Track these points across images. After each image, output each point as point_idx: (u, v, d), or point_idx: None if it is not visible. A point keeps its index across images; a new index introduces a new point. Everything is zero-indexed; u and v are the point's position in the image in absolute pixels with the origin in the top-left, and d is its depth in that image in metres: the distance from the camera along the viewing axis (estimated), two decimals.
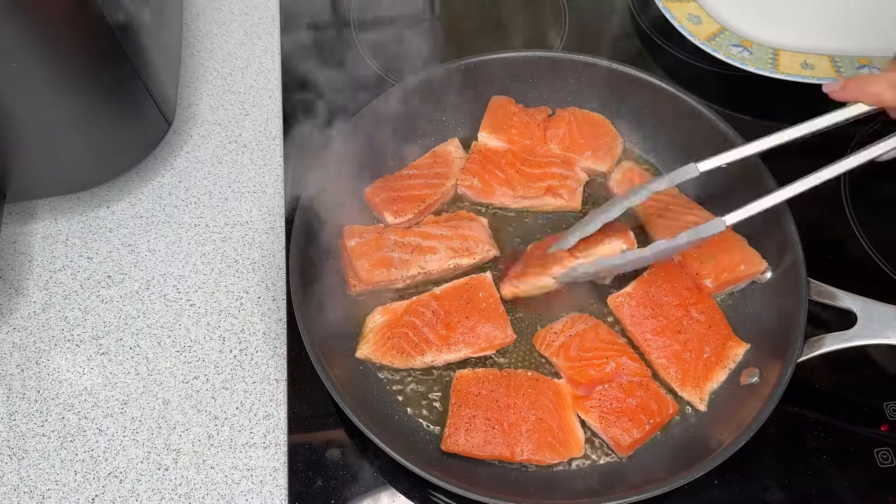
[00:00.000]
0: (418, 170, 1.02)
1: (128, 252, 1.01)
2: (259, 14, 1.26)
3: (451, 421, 0.85)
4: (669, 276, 0.94)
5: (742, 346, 0.90)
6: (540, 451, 0.83)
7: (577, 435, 0.86)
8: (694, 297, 0.93)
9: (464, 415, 0.85)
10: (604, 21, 1.29)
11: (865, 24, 1.21)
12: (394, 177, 1.01)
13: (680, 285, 0.93)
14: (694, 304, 0.92)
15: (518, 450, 0.83)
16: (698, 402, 0.88)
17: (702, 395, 0.88)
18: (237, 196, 1.06)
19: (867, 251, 1.02)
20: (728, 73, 1.16)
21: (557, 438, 0.84)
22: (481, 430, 0.84)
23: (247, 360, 0.93)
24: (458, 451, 0.83)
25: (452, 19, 1.30)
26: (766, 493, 0.84)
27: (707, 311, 0.92)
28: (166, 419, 0.89)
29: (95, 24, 0.81)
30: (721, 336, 0.91)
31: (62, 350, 0.93)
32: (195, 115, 1.13)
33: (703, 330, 0.91)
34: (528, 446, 0.83)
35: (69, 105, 0.85)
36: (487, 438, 0.84)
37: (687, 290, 0.93)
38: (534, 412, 0.85)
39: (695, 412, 0.88)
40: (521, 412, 0.85)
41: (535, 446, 0.84)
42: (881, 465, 0.86)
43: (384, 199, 0.98)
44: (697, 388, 0.88)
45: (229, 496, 0.84)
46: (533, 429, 0.84)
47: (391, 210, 0.98)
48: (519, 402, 0.86)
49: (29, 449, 0.87)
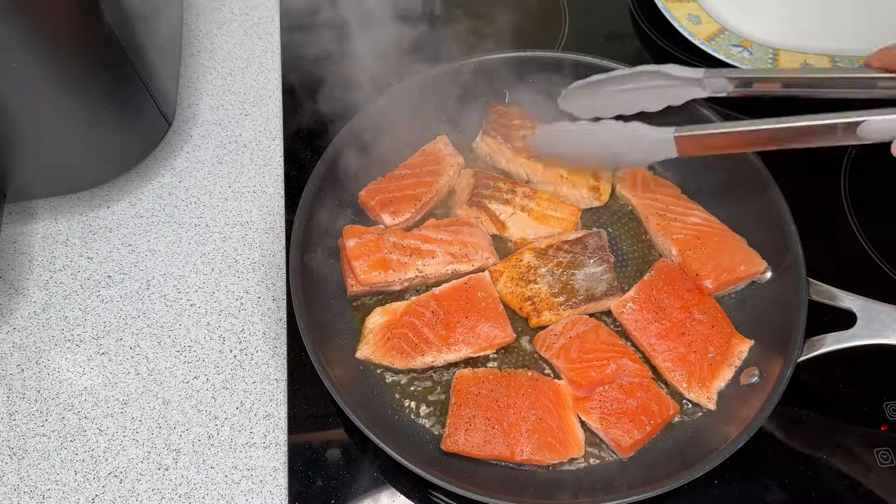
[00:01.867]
0: (410, 169, 1.02)
1: (128, 252, 1.01)
2: (259, 14, 1.26)
3: (450, 421, 0.85)
4: (670, 279, 0.94)
5: (745, 342, 0.91)
6: (540, 451, 0.83)
7: (577, 435, 0.86)
8: (695, 299, 0.93)
9: (464, 415, 0.85)
10: (604, 21, 1.29)
11: (865, 23, 1.21)
12: (386, 178, 1.01)
13: (681, 287, 0.93)
14: (696, 306, 0.92)
15: (518, 450, 0.83)
16: (706, 401, 0.88)
17: (709, 395, 0.88)
18: (237, 196, 1.06)
19: (867, 251, 1.02)
20: None
21: (557, 438, 0.84)
22: (481, 429, 0.84)
23: (247, 360, 0.93)
24: (458, 450, 0.83)
25: (452, 19, 1.30)
26: (766, 493, 0.84)
27: (709, 311, 0.92)
28: (166, 419, 0.89)
29: (95, 24, 0.81)
30: (724, 335, 0.91)
31: (62, 350, 0.93)
32: (195, 115, 1.13)
33: (707, 330, 0.91)
34: (527, 446, 0.83)
35: (69, 105, 0.85)
36: (487, 438, 0.84)
37: (688, 292, 0.93)
38: (534, 412, 0.85)
39: (695, 412, 0.88)
40: (520, 412, 0.85)
41: (535, 446, 0.83)
42: (881, 465, 0.86)
43: (380, 200, 0.98)
44: (705, 388, 0.88)
45: (229, 496, 0.84)
46: (533, 429, 0.84)
47: (388, 211, 0.98)
48: (519, 402, 0.86)
49: (29, 449, 0.87)
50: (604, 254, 0.95)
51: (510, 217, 0.99)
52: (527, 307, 0.93)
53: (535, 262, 0.95)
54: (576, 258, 0.95)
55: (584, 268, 0.95)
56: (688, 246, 0.95)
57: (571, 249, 0.96)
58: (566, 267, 0.95)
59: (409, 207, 0.98)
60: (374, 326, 0.91)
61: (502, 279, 0.94)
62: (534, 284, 0.94)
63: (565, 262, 0.95)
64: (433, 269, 0.94)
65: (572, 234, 0.97)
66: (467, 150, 1.06)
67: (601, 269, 0.95)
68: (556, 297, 0.93)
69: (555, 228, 0.98)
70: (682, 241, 0.96)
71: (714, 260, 0.94)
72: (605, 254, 0.96)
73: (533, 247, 0.97)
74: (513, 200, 0.99)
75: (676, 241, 0.96)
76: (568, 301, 0.93)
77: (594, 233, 0.97)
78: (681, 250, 0.95)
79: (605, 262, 0.95)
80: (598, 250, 0.96)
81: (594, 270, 0.94)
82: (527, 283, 0.94)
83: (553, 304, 0.93)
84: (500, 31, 1.26)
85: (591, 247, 0.96)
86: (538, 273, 0.94)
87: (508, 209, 0.99)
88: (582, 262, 0.95)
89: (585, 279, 0.94)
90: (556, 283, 0.94)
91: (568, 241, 0.96)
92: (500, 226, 0.99)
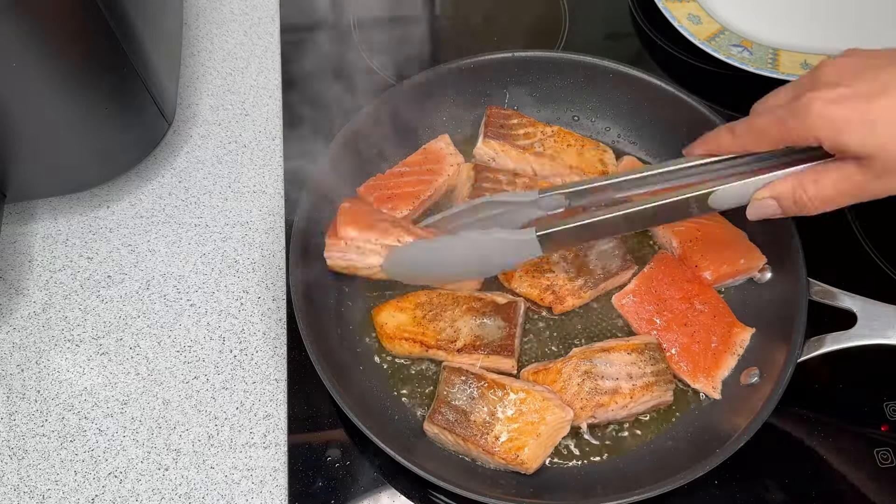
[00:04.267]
0: (410, 167, 1.02)
1: (128, 252, 1.01)
2: (259, 14, 1.26)
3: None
4: (669, 270, 0.94)
5: (747, 331, 0.91)
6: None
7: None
8: (696, 290, 0.93)
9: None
10: (604, 21, 1.29)
11: (865, 23, 1.21)
12: (386, 175, 1.01)
13: (681, 278, 0.94)
14: (696, 296, 0.92)
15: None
16: (711, 390, 0.88)
17: (714, 384, 0.88)
18: (237, 196, 1.06)
19: (867, 251, 1.02)
20: (728, 73, 1.16)
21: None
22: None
23: (247, 360, 0.93)
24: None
25: (452, 19, 1.30)
26: (766, 493, 0.84)
27: (710, 301, 0.93)
28: (166, 419, 0.89)
29: (95, 24, 0.81)
30: (726, 324, 0.91)
31: (62, 350, 0.93)
32: (195, 115, 1.14)
33: (708, 320, 0.91)
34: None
35: (69, 105, 0.85)
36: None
37: (688, 283, 0.93)
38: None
39: (694, 412, 0.88)
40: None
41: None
42: (881, 465, 0.86)
43: (378, 196, 0.98)
44: (710, 378, 0.89)
45: (229, 496, 0.84)
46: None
47: (386, 207, 0.98)
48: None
49: (29, 449, 0.87)
50: None
51: None
52: (548, 297, 0.93)
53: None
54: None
55: (594, 247, 0.96)
56: (689, 237, 0.96)
57: None
58: (577, 250, 0.95)
59: (406, 204, 0.98)
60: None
61: (516, 275, 0.95)
62: (549, 273, 0.94)
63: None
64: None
65: None
66: (468, 150, 1.06)
67: (611, 246, 0.96)
68: (573, 281, 0.94)
69: None
70: (684, 232, 0.96)
71: (715, 251, 0.94)
72: None
73: None
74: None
75: (677, 232, 0.97)
76: (587, 283, 0.93)
77: None
78: (682, 241, 0.96)
79: (613, 239, 0.96)
80: None
81: (605, 248, 0.95)
82: (542, 274, 0.94)
83: (573, 289, 0.93)
84: (501, 31, 1.26)
85: None
86: (551, 262, 0.95)
87: None
88: (591, 242, 0.96)
89: (599, 258, 0.95)
90: (572, 268, 0.94)
91: None
92: None
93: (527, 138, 1.03)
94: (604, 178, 0.83)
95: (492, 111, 1.05)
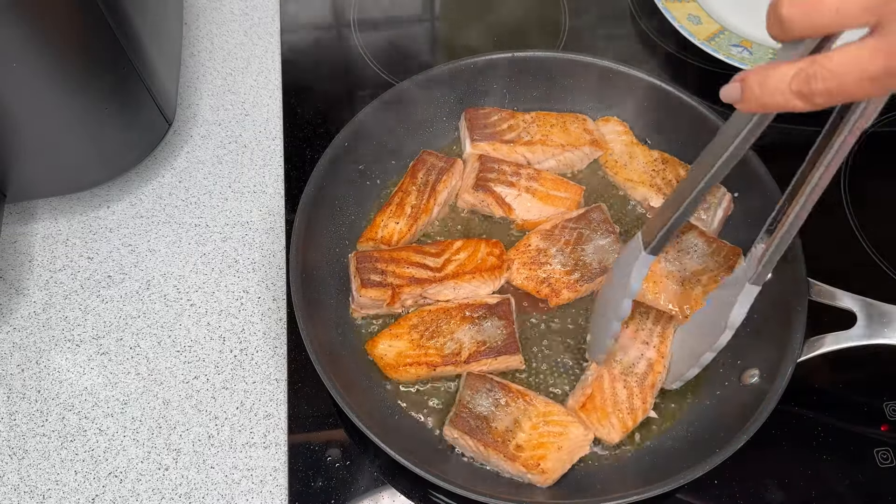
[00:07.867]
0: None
1: (128, 252, 1.01)
2: (259, 14, 1.26)
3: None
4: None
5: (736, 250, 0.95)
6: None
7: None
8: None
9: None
10: (604, 21, 1.29)
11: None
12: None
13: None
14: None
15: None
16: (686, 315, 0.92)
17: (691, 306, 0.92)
18: (237, 196, 1.06)
19: (867, 251, 1.02)
20: (728, 73, 1.16)
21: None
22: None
23: (247, 360, 0.93)
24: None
25: (452, 19, 1.30)
26: (766, 493, 0.84)
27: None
28: (166, 419, 0.89)
29: (95, 24, 0.81)
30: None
31: (62, 350, 0.93)
32: (195, 115, 1.14)
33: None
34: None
35: (69, 105, 0.85)
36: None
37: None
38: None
39: (693, 412, 0.88)
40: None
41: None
42: (881, 465, 0.86)
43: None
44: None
45: (229, 496, 0.84)
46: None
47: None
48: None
49: (29, 449, 0.87)
50: (608, 226, 0.97)
51: (515, 199, 1.00)
52: (544, 289, 0.94)
53: (543, 245, 0.96)
54: (582, 234, 0.96)
55: (591, 242, 0.96)
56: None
57: (576, 226, 0.97)
58: (574, 244, 0.96)
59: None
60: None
61: (514, 266, 0.95)
62: (547, 266, 0.95)
63: (572, 239, 0.96)
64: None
65: (574, 213, 0.99)
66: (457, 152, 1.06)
67: (608, 241, 0.96)
68: (570, 274, 0.94)
69: (559, 208, 0.99)
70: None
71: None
72: (609, 226, 0.97)
73: (539, 230, 0.98)
74: (517, 182, 1.00)
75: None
76: (583, 276, 0.94)
77: (595, 207, 0.99)
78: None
79: (610, 234, 0.96)
80: (602, 223, 0.97)
81: (602, 243, 0.96)
82: (539, 266, 0.95)
83: (569, 283, 0.94)
84: (501, 31, 1.26)
85: (594, 221, 0.97)
86: (549, 254, 0.95)
87: (513, 191, 1.00)
88: (589, 236, 0.96)
89: (595, 252, 0.95)
90: (569, 261, 0.95)
91: (571, 219, 0.98)
92: (506, 208, 1.00)
93: (511, 130, 1.04)
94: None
95: (470, 114, 1.05)
